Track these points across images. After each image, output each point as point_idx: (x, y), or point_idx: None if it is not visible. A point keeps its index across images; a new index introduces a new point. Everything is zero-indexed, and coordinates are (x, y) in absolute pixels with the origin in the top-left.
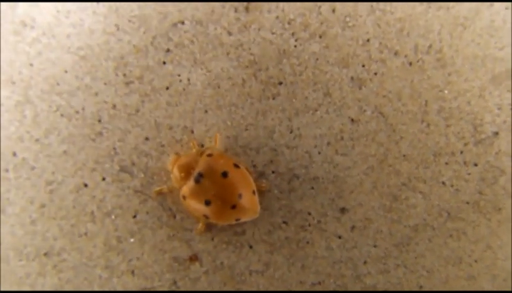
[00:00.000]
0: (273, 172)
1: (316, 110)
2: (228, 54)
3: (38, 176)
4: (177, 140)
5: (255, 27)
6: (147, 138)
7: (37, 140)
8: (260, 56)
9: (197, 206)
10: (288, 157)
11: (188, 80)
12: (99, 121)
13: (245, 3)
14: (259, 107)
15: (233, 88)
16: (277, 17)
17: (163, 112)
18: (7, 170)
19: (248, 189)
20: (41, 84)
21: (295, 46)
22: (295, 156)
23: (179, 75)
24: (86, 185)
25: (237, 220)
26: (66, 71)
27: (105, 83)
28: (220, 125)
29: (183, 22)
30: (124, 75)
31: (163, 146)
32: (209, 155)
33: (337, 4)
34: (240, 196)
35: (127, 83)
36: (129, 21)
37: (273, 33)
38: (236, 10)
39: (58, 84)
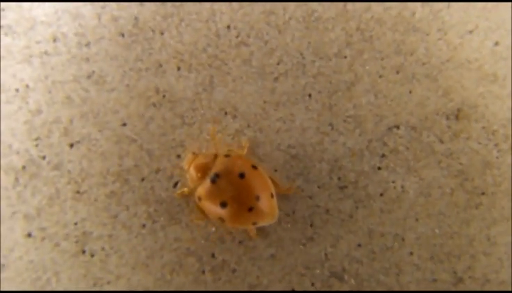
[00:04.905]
0: (469, 277)
1: (509, 220)
2: (439, 162)
3: (240, 279)
4: (388, 247)
5: (464, 136)
6: (359, 245)
7: (240, 243)
8: (468, 166)
9: (212, 208)
10: (483, 263)
11: (402, 187)
12: (311, 225)
13: (456, 111)
14: (464, 216)
15: (442, 197)
16: (483, 127)
17: (376, 219)
18: (203, 272)
19: (267, 191)
20: None
21: (497, 157)
22: (490, 262)
23: (393, 182)
24: (293, 291)
25: (254, 223)
26: (275, 170)
27: (319, 187)
28: (428, 233)
29: (398, 127)
30: (339, 179)
31: (374, 253)
32: (227, 155)
33: None
34: (258, 198)
35: (341, 188)
36: (344, 121)
37: (479, 143)
38: (447, 118)
39: None
